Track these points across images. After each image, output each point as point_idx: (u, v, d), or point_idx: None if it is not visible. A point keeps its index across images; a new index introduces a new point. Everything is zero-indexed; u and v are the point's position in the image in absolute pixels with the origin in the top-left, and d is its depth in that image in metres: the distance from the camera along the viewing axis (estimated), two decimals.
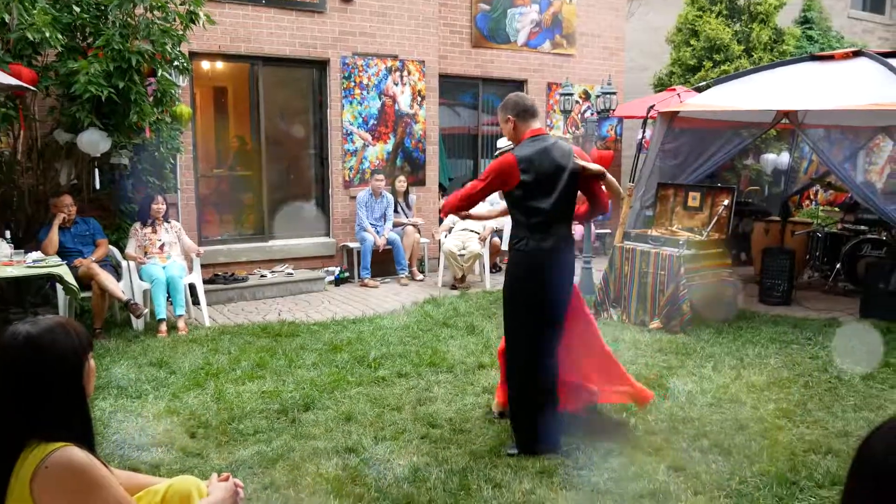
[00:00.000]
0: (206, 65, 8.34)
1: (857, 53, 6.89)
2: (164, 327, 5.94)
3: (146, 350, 5.47)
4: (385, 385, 4.72)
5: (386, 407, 4.32)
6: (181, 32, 6.32)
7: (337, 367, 5.04)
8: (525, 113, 3.73)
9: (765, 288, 7.41)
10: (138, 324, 6.06)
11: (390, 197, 8.51)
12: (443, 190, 9.63)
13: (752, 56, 11.08)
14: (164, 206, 6.43)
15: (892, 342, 5.82)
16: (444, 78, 9.50)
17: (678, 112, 7.11)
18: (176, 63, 6.40)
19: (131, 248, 6.28)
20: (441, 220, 8.89)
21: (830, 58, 7.04)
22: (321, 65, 8.43)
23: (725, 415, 4.22)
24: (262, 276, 7.78)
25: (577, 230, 8.22)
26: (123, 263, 6.27)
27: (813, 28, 13.32)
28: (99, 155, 6.11)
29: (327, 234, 8.71)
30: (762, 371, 5.05)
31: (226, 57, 8.04)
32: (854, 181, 6.96)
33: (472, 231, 8.25)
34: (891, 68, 6.20)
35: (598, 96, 7.33)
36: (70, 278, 5.31)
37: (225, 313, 6.92)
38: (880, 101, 5.92)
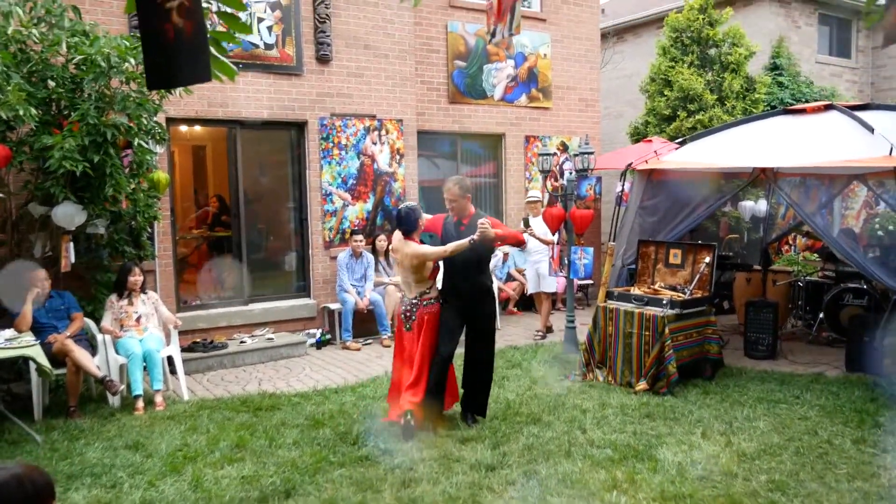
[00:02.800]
0: (184, 128, 8.33)
1: (828, 107, 7.02)
2: (140, 404, 5.77)
3: (122, 430, 5.31)
4: (368, 465, 4.59)
5: (369, 490, 4.20)
6: (157, 103, 6.30)
7: (319, 446, 4.91)
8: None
9: (749, 342, 7.40)
10: (114, 400, 5.90)
11: (370, 257, 8.46)
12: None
13: (726, 105, 11.30)
14: (142, 278, 6.32)
15: (881, 399, 5.80)
16: (422, 134, 9.55)
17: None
18: (152, 133, 6.36)
19: (107, 322, 6.15)
20: None
21: (803, 111, 7.18)
22: (299, 126, 8.44)
23: (718, 489, 4.14)
24: (241, 341, 7.64)
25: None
26: (99, 337, 6.12)
27: (783, 74, 13.62)
28: (74, 228, 6.00)
29: (308, 296, 8.61)
30: (752, 436, 4.99)
31: (204, 122, 8.03)
32: (830, 234, 7.01)
33: None
34: (860, 122, 6.32)
35: (575, 155, 7.37)
36: (43, 359, 5.16)
37: (204, 383, 6.77)
38: (852, 156, 6.01)
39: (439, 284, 5.36)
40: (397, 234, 5.25)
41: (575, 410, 5.60)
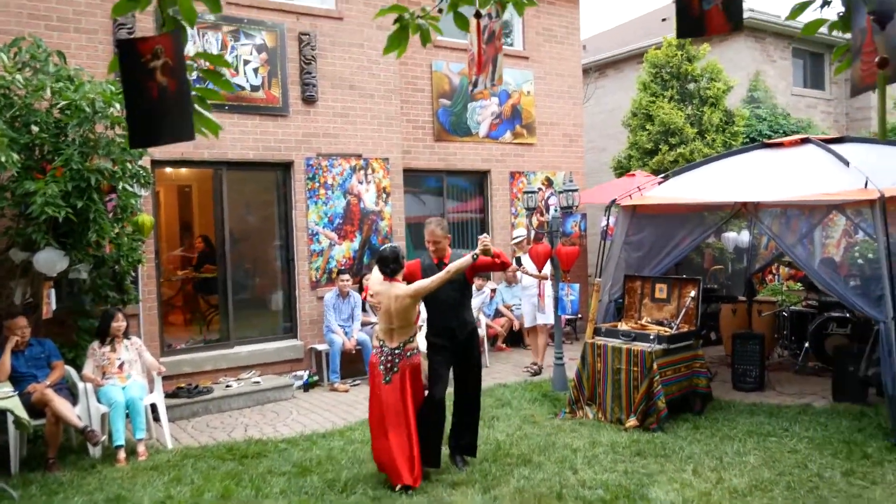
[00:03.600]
0: (169, 169, 8.33)
1: (804, 140, 7.15)
2: (122, 455, 5.64)
3: (103, 483, 5.18)
4: None
5: None
6: (150, 147, 6.28)
7: (307, 494, 4.82)
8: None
9: (737, 374, 7.41)
10: (95, 451, 5.76)
11: (357, 296, 8.42)
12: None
13: (706, 138, 11.46)
14: (125, 324, 6.24)
15: (868, 429, 5.81)
16: (408, 172, 9.60)
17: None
18: (137, 177, 6.34)
19: (88, 369, 6.04)
20: None
21: (780, 145, 7.30)
22: (285, 166, 8.46)
23: None
24: (227, 385, 7.53)
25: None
26: (80, 385, 6.01)
27: (760, 107, 13.87)
28: (55, 275, 5.94)
29: (295, 337, 8.54)
30: (743, 472, 4.97)
31: (190, 163, 8.03)
32: (811, 265, 7.07)
33: None
34: (836, 155, 6.44)
35: (560, 192, 7.42)
36: (21, 411, 5.06)
37: (189, 430, 6.66)
38: (829, 189, 6.11)
39: (421, 334, 5.27)
40: (376, 277, 5.00)
41: (565, 450, 5.56)
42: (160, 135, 2.04)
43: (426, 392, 5.17)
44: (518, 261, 7.94)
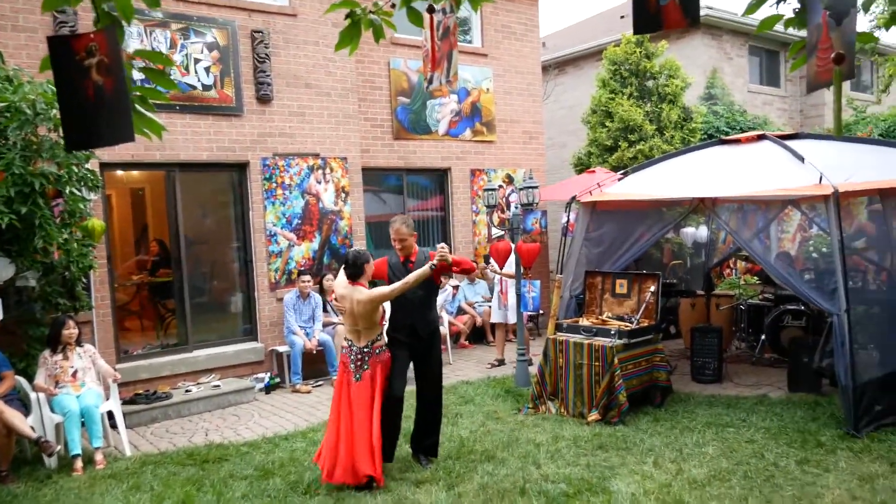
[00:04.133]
0: (120, 171, 8.13)
1: (761, 137, 7.27)
2: (79, 464, 5.49)
3: (59, 494, 5.04)
4: None
5: None
6: (89, 150, 6.11)
7: (269, 497, 4.75)
8: None
9: (696, 366, 7.53)
10: (51, 462, 5.60)
11: (318, 297, 8.34)
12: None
13: (665, 134, 11.60)
14: (76, 331, 6.06)
15: (821, 418, 5.94)
16: (367, 171, 9.54)
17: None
18: (85, 180, 6.17)
19: (40, 379, 5.86)
20: None
21: (737, 141, 7.42)
22: (241, 167, 8.33)
23: None
24: (186, 390, 7.39)
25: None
26: (32, 395, 5.83)
27: (717, 104, 14.09)
28: (2, 283, 5.75)
29: (255, 340, 8.42)
30: (702, 463, 5.03)
31: (141, 165, 7.85)
32: (767, 259, 7.19)
33: None
34: (791, 151, 6.55)
35: (521, 189, 7.43)
36: None
37: (148, 437, 6.52)
38: (785, 184, 6.23)
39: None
40: (341, 281, 5.04)
41: (529, 445, 5.57)
42: (98, 136, 1.96)
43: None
44: (486, 258, 7.95)
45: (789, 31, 2.93)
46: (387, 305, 5.23)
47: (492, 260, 8.32)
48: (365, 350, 4.96)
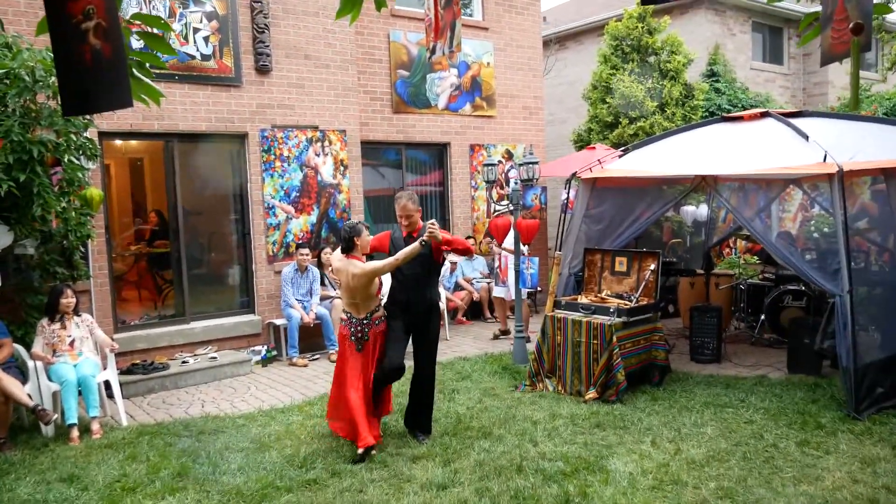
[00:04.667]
0: (118, 141, 8.04)
1: (764, 114, 7.18)
2: (75, 433, 5.49)
3: (56, 462, 5.04)
4: (317, 488, 4.46)
5: None
6: (88, 118, 6.03)
7: (265, 470, 4.75)
8: None
9: (695, 346, 7.51)
10: (48, 430, 5.60)
11: (316, 271, 8.30)
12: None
13: (666, 111, 11.50)
14: (74, 300, 6.02)
15: (822, 400, 5.94)
16: (366, 144, 9.45)
17: None
18: (83, 149, 6.09)
19: (38, 347, 5.84)
20: None
21: (740, 119, 7.33)
22: (240, 138, 8.23)
23: (668, 499, 4.15)
24: (183, 361, 7.38)
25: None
26: (30, 363, 5.82)
27: (720, 81, 13.96)
28: (0, 250, 5.70)
29: (252, 312, 8.40)
30: (700, 443, 5.03)
31: (139, 135, 7.76)
32: (768, 238, 7.15)
33: None
34: (795, 129, 6.48)
35: (520, 165, 7.36)
36: None
37: (144, 407, 6.51)
38: (788, 162, 6.16)
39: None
40: (337, 255, 5.11)
41: (525, 422, 5.57)
42: (96, 101, 1.90)
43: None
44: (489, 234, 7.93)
45: (795, 7, 2.85)
46: (385, 279, 5.22)
47: (491, 236, 8.29)
48: (364, 321, 5.08)
